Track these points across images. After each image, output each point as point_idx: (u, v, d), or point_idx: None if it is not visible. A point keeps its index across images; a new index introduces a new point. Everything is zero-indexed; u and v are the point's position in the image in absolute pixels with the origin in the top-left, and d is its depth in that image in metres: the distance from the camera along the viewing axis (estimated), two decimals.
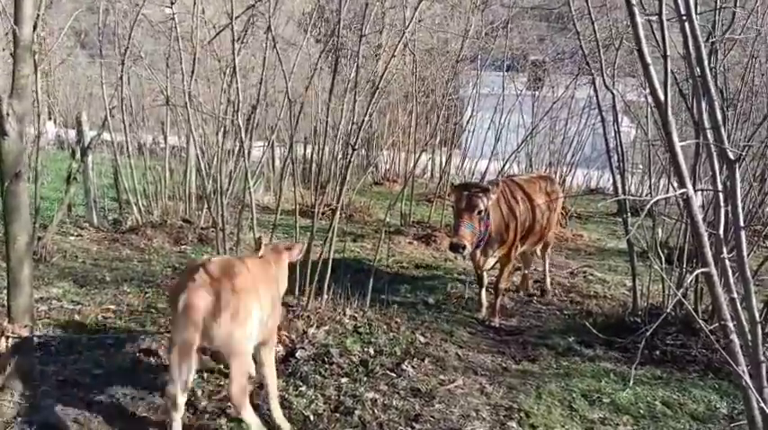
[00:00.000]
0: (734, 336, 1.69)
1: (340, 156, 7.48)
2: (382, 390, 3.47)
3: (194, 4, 5.80)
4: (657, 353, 4.21)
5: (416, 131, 10.86)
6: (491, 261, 5.07)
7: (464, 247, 4.42)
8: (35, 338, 3.32)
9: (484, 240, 4.73)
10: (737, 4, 4.02)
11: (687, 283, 3.71)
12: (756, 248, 5.57)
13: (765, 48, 5.61)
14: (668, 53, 1.74)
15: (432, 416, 3.22)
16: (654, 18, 1.68)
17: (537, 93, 10.97)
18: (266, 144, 7.33)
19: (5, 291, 2.88)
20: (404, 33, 4.63)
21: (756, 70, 5.40)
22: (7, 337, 2.80)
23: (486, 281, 5.25)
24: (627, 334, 4.16)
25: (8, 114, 2.60)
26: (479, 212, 4.54)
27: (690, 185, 1.69)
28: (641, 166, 11.32)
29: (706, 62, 1.70)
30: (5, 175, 2.70)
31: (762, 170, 5.09)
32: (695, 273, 1.91)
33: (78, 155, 6.43)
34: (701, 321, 1.99)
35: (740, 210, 1.73)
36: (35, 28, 3.46)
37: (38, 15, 4.30)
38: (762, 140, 5.32)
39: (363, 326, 4.35)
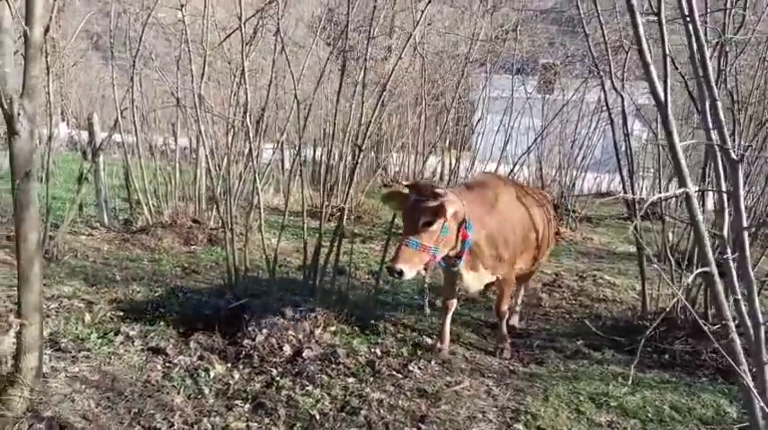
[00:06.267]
0: (735, 336, 1.67)
1: (349, 157, 7.50)
2: (389, 391, 3.47)
3: (205, 7, 5.86)
4: (666, 356, 4.18)
5: (426, 134, 10.86)
6: (484, 278, 4.00)
7: (400, 273, 3.38)
8: (45, 335, 3.37)
9: (460, 256, 3.74)
10: (747, 6, 3.99)
11: (685, 285, 3.66)
12: None
13: None
14: (668, 53, 1.74)
15: (438, 417, 3.22)
16: (654, 18, 1.68)
17: (547, 95, 10.93)
18: (276, 146, 7.38)
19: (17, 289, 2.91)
20: (410, 36, 4.62)
21: None
22: (17, 333, 2.83)
23: (455, 305, 4.24)
24: (635, 337, 4.13)
25: (19, 114, 2.63)
26: (427, 224, 3.44)
27: (690, 184, 1.68)
28: (653, 170, 11.24)
29: (709, 63, 1.69)
30: (16, 174, 2.72)
31: None
32: (695, 273, 1.90)
33: (90, 155, 6.52)
34: (701, 321, 1.96)
35: (743, 210, 1.72)
36: (47, 30, 3.51)
37: (50, 18, 4.37)
38: None
39: (370, 327, 4.36)
